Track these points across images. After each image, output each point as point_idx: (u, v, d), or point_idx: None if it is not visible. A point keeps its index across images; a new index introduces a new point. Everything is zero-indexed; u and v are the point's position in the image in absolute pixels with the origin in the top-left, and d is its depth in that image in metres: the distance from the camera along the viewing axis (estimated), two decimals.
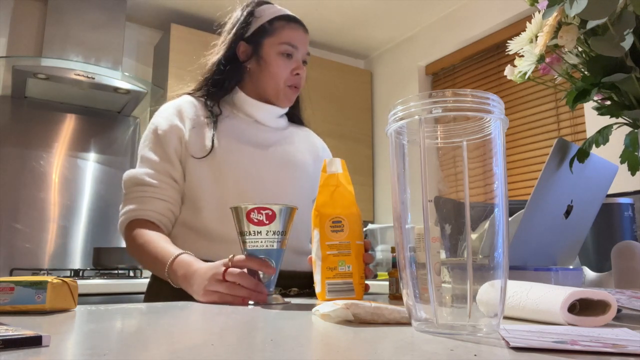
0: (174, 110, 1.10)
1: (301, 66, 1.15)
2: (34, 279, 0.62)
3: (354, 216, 0.84)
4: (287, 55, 1.12)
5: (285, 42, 1.12)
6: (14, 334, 0.38)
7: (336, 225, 0.82)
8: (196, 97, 1.15)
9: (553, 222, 0.84)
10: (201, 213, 1.03)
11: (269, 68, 1.12)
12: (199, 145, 1.06)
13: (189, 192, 1.06)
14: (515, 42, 0.81)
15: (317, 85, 3.23)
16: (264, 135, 1.15)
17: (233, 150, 1.07)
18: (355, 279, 0.82)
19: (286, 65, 1.13)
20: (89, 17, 2.66)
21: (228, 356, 0.36)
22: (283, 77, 1.13)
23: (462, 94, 0.46)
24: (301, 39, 1.15)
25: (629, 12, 0.69)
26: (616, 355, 0.36)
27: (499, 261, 0.46)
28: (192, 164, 1.05)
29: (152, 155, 1.06)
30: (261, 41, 1.13)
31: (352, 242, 0.82)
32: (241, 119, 1.14)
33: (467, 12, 2.83)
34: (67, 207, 2.66)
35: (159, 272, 0.94)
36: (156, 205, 1.03)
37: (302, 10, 2.98)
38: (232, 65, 1.14)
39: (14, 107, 2.63)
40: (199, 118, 1.09)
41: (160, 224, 1.04)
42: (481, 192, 0.48)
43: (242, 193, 1.04)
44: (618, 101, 0.79)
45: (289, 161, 1.14)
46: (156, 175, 1.04)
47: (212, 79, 1.15)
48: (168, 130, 1.07)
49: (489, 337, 0.44)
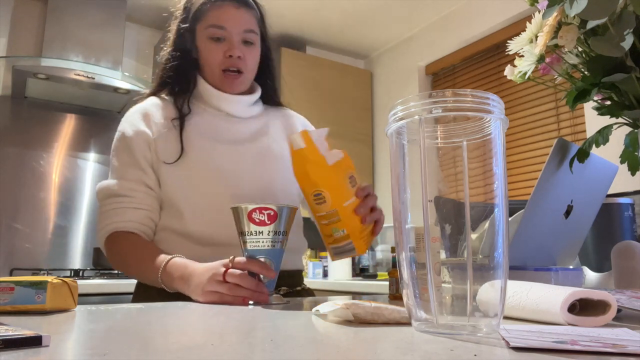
0: (139, 115, 1.05)
1: (234, 47, 1.03)
2: (34, 279, 0.62)
3: (331, 182, 0.82)
4: (217, 39, 1.03)
5: (210, 25, 1.03)
6: (14, 334, 0.38)
7: (317, 198, 0.83)
8: (162, 97, 1.10)
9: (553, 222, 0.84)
10: (183, 217, 0.99)
11: (202, 55, 1.06)
12: (170, 150, 1.01)
13: (167, 198, 1.01)
14: (515, 42, 0.81)
15: (317, 85, 3.24)
16: (238, 128, 1.08)
17: (206, 150, 1.02)
18: (353, 237, 0.84)
19: (216, 50, 1.04)
20: (89, 17, 2.66)
21: (228, 356, 0.36)
22: (215, 63, 1.04)
23: (462, 94, 0.46)
24: (231, 17, 1.03)
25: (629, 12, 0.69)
26: (616, 355, 0.36)
27: (499, 261, 0.46)
28: (165, 169, 1.00)
29: (122, 164, 1.02)
30: (194, 28, 1.06)
31: (338, 208, 0.83)
32: (212, 114, 1.08)
33: (467, 12, 2.83)
34: (67, 207, 2.66)
35: (150, 278, 0.91)
36: (134, 215, 0.99)
37: (302, 10, 3.00)
38: (183, 57, 1.08)
39: (14, 107, 2.63)
40: (167, 121, 1.04)
41: (142, 233, 1.00)
42: (481, 192, 0.48)
43: (220, 194, 0.99)
44: (618, 101, 0.79)
45: (266, 154, 1.07)
46: (129, 184, 1.00)
47: (167, 75, 1.09)
48: (135, 137, 1.02)
49: (489, 337, 0.44)
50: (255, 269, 0.79)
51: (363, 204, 0.84)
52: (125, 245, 0.97)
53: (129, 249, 0.97)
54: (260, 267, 0.80)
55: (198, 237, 0.99)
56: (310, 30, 3.23)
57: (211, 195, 0.99)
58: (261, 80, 1.16)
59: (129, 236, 0.98)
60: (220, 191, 1.00)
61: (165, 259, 0.89)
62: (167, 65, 1.09)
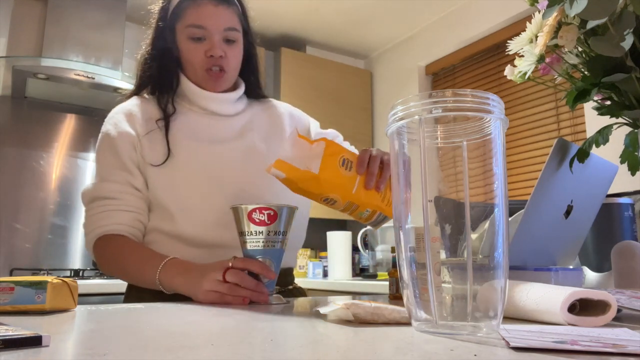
0: (123, 116, 1.02)
1: (215, 47, 1.00)
2: (34, 279, 0.62)
3: (329, 185, 0.82)
4: (197, 39, 1.01)
5: (190, 25, 1.00)
6: (14, 334, 0.38)
7: (327, 202, 0.85)
8: (144, 97, 1.08)
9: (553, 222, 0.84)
10: (174, 219, 0.96)
11: (183, 55, 1.04)
12: (156, 152, 0.99)
13: (156, 200, 0.99)
14: (515, 42, 0.81)
15: (317, 85, 3.24)
16: (223, 127, 1.06)
17: (193, 151, 1.00)
18: (379, 209, 0.86)
19: (197, 50, 1.01)
20: (89, 17, 2.66)
21: (228, 356, 0.36)
22: (197, 63, 1.02)
23: (462, 94, 0.46)
24: (210, 15, 1.00)
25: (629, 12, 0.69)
26: (616, 355, 0.36)
27: (499, 261, 0.46)
28: (152, 171, 0.98)
29: (107, 166, 0.99)
30: (174, 27, 1.04)
31: (350, 199, 0.84)
32: (197, 113, 1.06)
33: (467, 12, 2.83)
34: (67, 207, 2.66)
35: (147, 280, 0.90)
36: (122, 217, 0.96)
37: (302, 10, 2.99)
38: (164, 56, 1.06)
39: (14, 107, 2.63)
40: (151, 121, 1.02)
41: (131, 236, 0.97)
42: (481, 192, 0.48)
43: (209, 195, 0.97)
44: (618, 101, 0.79)
45: (252, 152, 1.04)
46: (116, 186, 0.97)
47: (148, 74, 1.07)
48: (119, 138, 0.99)
49: (489, 337, 0.44)
50: (255, 269, 0.79)
51: (368, 176, 0.84)
52: (116, 248, 0.95)
53: (121, 251, 0.95)
54: (260, 267, 0.80)
55: (189, 238, 0.97)
56: (310, 30, 3.23)
57: (201, 196, 0.97)
58: (245, 75, 1.14)
59: (119, 239, 0.96)
60: (209, 191, 0.98)
61: (163, 260, 0.88)
62: (147, 64, 1.07)
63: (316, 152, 0.84)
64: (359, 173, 0.85)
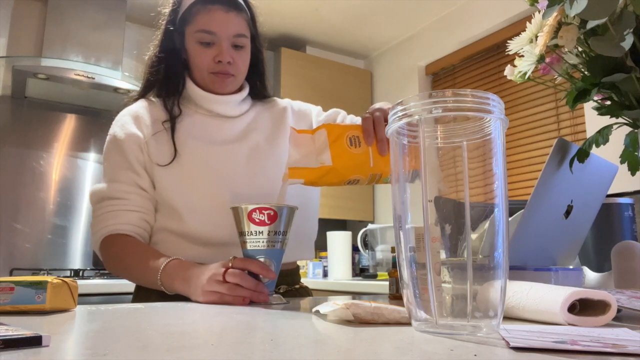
0: (130, 119, 1.05)
1: (223, 52, 1.02)
2: (34, 279, 0.62)
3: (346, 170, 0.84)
4: (206, 44, 1.02)
5: (200, 30, 1.01)
6: (14, 334, 0.38)
7: (351, 184, 0.86)
8: (151, 99, 1.09)
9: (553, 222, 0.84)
10: (182, 219, 0.98)
11: (191, 59, 1.05)
12: (162, 152, 1.00)
13: (163, 200, 1.00)
14: (515, 42, 0.81)
15: (317, 85, 3.24)
16: (229, 128, 1.07)
17: (199, 151, 1.02)
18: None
19: (205, 54, 1.02)
20: (89, 17, 2.66)
21: (228, 356, 0.36)
22: (205, 67, 1.03)
23: (462, 94, 0.46)
24: (220, 21, 1.01)
25: (629, 12, 0.69)
26: (616, 355, 0.36)
27: (499, 261, 0.46)
28: (159, 171, 1.00)
29: (115, 167, 1.01)
30: (183, 30, 1.05)
31: (371, 172, 0.85)
32: (203, 115, 1.08)
33: (467, 12, 2.83)
34: (67, 207, 2.66)
35: (149, 280, 0.91)
36: (129, 217, 0.98)
37: (302, 10, 2.99)
38: (171, 58, 1.07)
39: (14, 107, 2.63)
40: (158, 123, 1.04)
41: (137, 235, 0.99)
42: (481, 192, 0.48)
43: (217, 195, 0.99)
44: (618, 101, 0.79)
45: (257, 152, 1.06)
46: (123, 186, 0.99)
47: (154, 77, 1.08)
48: (126, 139, 1.01)
49: (489, 337, 0.44)
50: (255, 269, 0.79)
51: (379, 144, 0.85)
52: (121, 248, 0.96)
53: (125, 251, 0.96)
54: (260, 268, 0.80)
55: (198, 237, 0.98)
56: (310, 30, 3.23)
57: (208, 195, 0.99)
58: (251, 79, 1.15)
59: (125, 239, 0.97)
60: (216, 191, 0.99)
61: (164, 261, 0.88)
62: (155, 67, 1.08)
63: (321, 143, 0.83)
64: (369, 144, 0.84)
